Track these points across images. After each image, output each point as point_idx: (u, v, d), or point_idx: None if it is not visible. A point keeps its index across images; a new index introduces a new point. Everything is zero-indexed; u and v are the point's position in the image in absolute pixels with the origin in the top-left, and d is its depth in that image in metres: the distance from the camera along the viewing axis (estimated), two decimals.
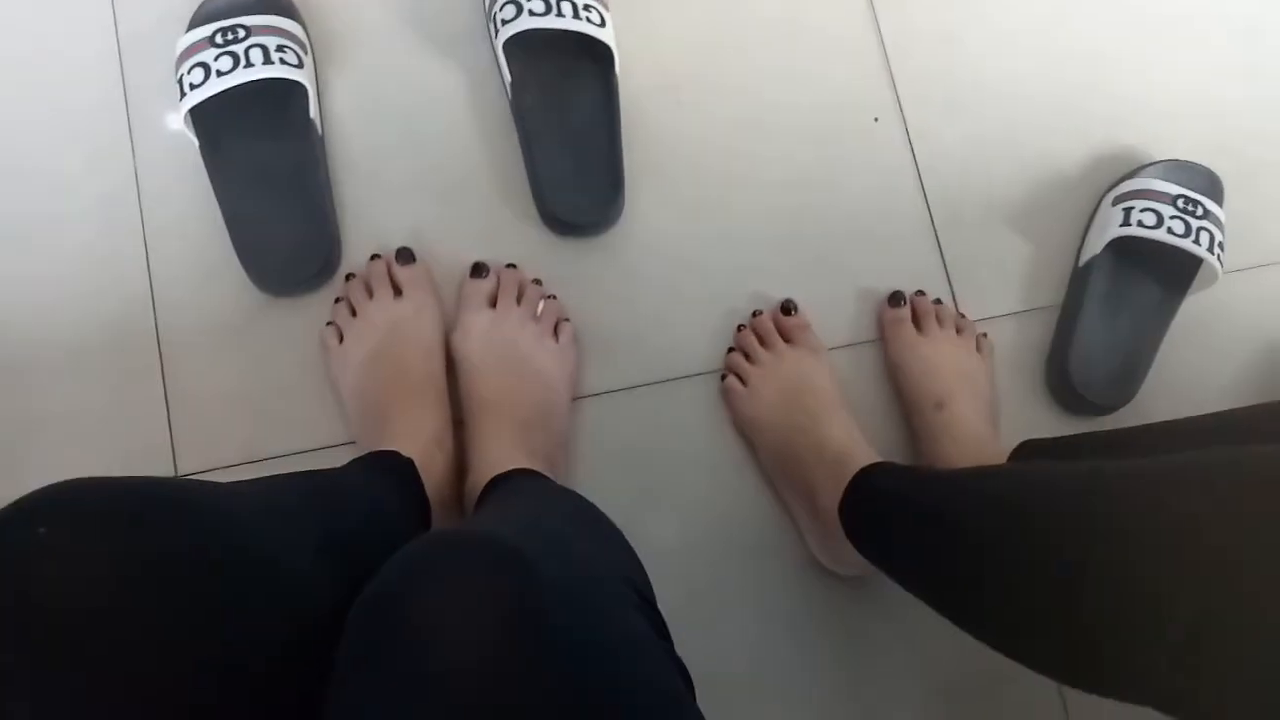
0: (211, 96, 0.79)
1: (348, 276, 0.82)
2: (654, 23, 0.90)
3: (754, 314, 0.85)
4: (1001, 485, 0.57)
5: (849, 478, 0.71)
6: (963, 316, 0.87)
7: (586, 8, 0.82)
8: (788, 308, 0.84)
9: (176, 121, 0.80)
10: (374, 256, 0.82)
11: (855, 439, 0.77)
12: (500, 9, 0.82)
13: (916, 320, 0.85)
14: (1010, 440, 0.77)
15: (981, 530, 0.55)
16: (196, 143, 0.81)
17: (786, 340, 0.83)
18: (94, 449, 0.78)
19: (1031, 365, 0.88)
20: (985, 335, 0.87)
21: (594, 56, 0.84)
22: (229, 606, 0.40)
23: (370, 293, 0.81)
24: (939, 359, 0.82)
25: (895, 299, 0.85)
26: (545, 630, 0.39)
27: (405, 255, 0.81)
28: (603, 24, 0.83)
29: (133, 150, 0.85)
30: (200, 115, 0.81)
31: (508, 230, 0.85)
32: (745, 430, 0.83)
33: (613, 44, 0.83)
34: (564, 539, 0.53)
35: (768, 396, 0.81)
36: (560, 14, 0.81)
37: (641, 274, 0.86)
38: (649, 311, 0.85)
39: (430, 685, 0.37)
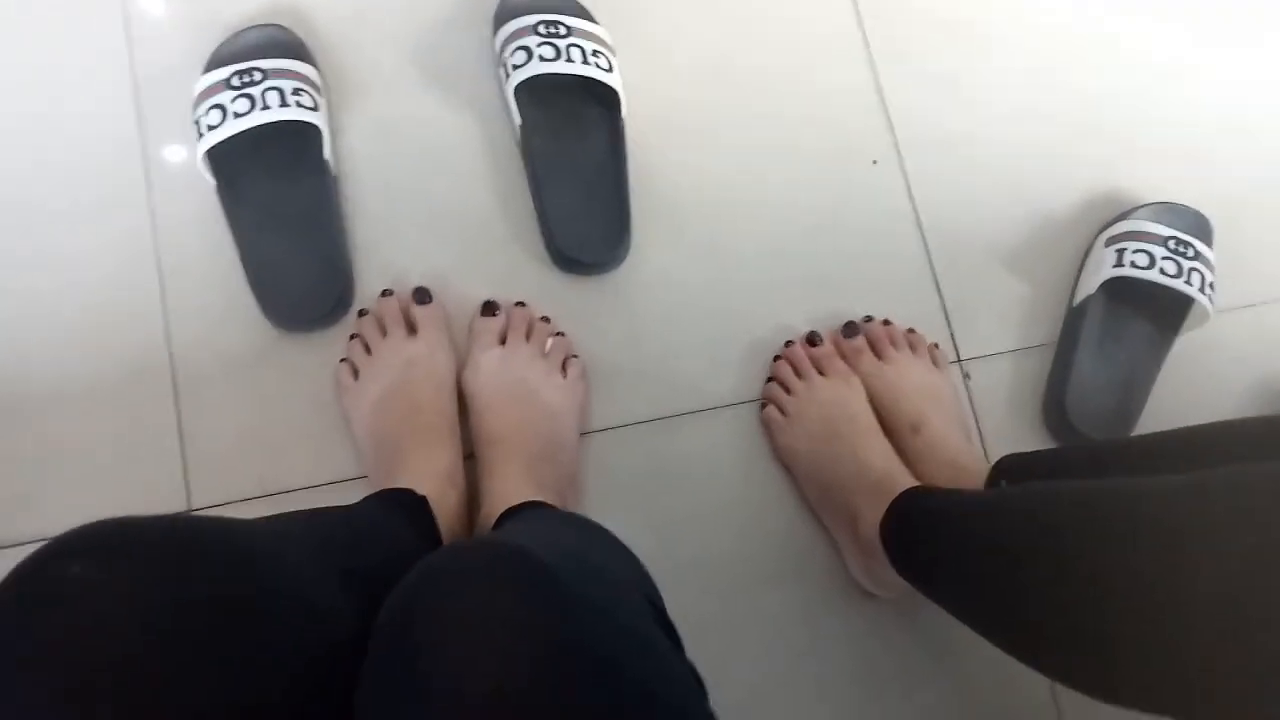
0: (228, 138, 0.80)
1: (361, 313, 0.84)
2: (660, 69, 0.93)
3: (785, 344, 0.87)
4: (1036, 503, 0.59)
5: (890, 500, 0.73)
6: (912, 332, 0.89)
7: (595, 53, 0.85)
8: (813, 339, 0.86)
9: (193, 162, 0.82)
10: (386, 292, 0.84)
11: (894, 463, 0.79)
12: (511, 55, 0.85)
13: (873, 347, 0.87)
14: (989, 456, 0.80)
15: (1022, 545, 0.57)
16: (213, 182, 0.83)
17: (819, 371, 0.85)
18: (109, 483, 0.78)
19: (1029, 402, 0.90)
20: (937, 346, 0.89)
21: (601, 100, 0.87)
22: (259, 639, 0.41)
23: (384, 330, 0.82)
24: (904, 382, 0.85)
25: (849, 329, 0.87)
26: (569, 636, 0.40)
27: (422, 294, 0.83)
28: (610, 69, 0.85)
29: (148, 189, 0.86)
30: (217, 156, 0.82)
31: (517, 269, 0.87)
32: (785, 458, 0.85)
33: (620, 88, 0.85)
34: (577, 551, 0.55)
35: (806, 425, 0.83)
36: (569, 59, 0.84)
37: (648, 311, 0.88)
38: (656, 348, 0.87)
39: (450, 698, 0.38)
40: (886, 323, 0.89)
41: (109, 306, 0.83)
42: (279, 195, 0.85)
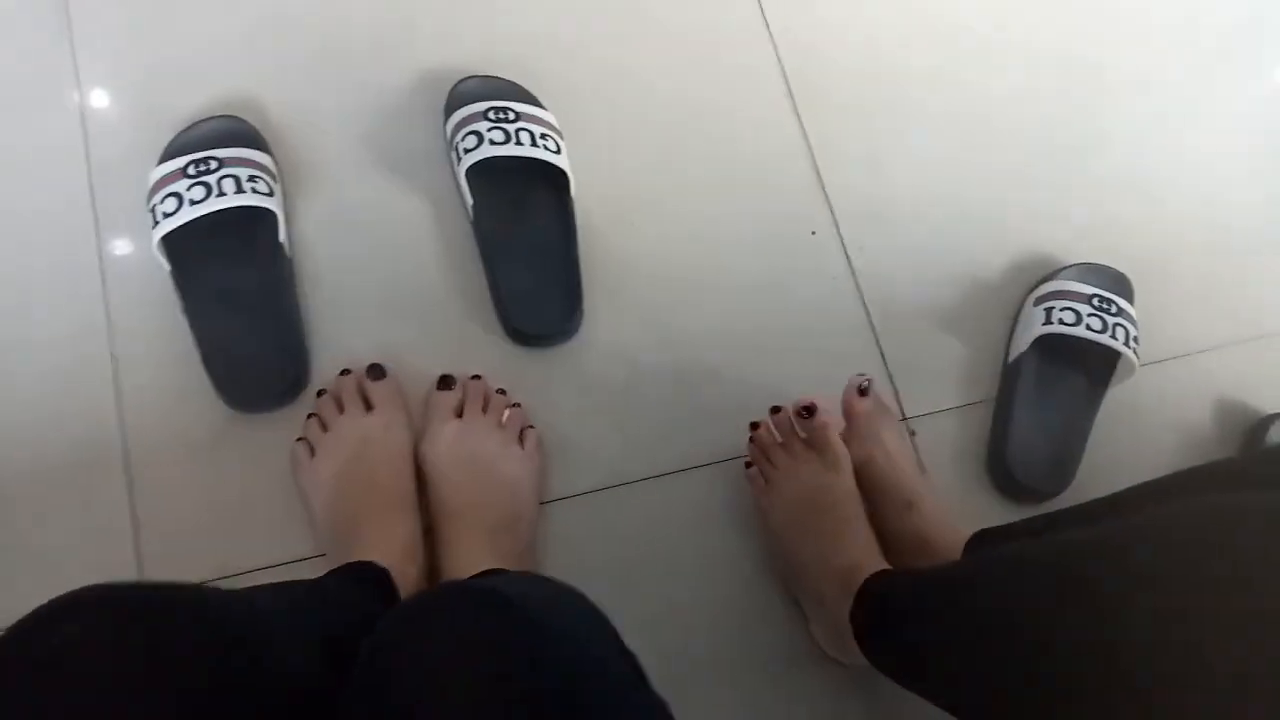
0: (184, 224, 0.82)
1: (319, 393, 0.84)
2: (606, 151, 0.97)
3: (772, 410, 0.85)
4: (1004, 570, 0.58)
5: (855, 588, 0.72)
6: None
7: (543, 136, 0.89)
8: (811, 409, 0.82)
9: (147, 250, 0.83)
10: (344, 372, 0.85)
11: (871, 555, 0.77)
12: (462, 139, 0.88)
13: (867, 420, 0.86)
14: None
15: (996, 618, 0.55)
16: (168, 268, 0.84)
17: (808, 445, 0.83)
18: (61, 571, 0.77)
19: (973, 456, 0.93)
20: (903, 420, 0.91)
21: (551, 181, 0.90)
22: (237, 693, 0.43)
23: (341, 408, 0.83)
24: (897, 454, 0.84)
25: (865, 390, 0.85)
26: (534, 658, 0.42)
27: (376, 371, 0.84)
28: (558, 151, 0.89)
29: (102, 276, 0.87)
30: (172, 242, 0.83)
31: (472, 344, 0.89)
32: (761, 519, 0.84)
33: (568, 169, 0.89)
34: (545, 595, 0.55)
35: (783, 503, 0.81)
36: (519, 143, 0.87)
37: (602, 382, 0.90)
38: (610, 417, 0.89)
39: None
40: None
41: (61, 393, 0.83)
42: (235, 279, 0.86)
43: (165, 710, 0.39)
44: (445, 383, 0.85)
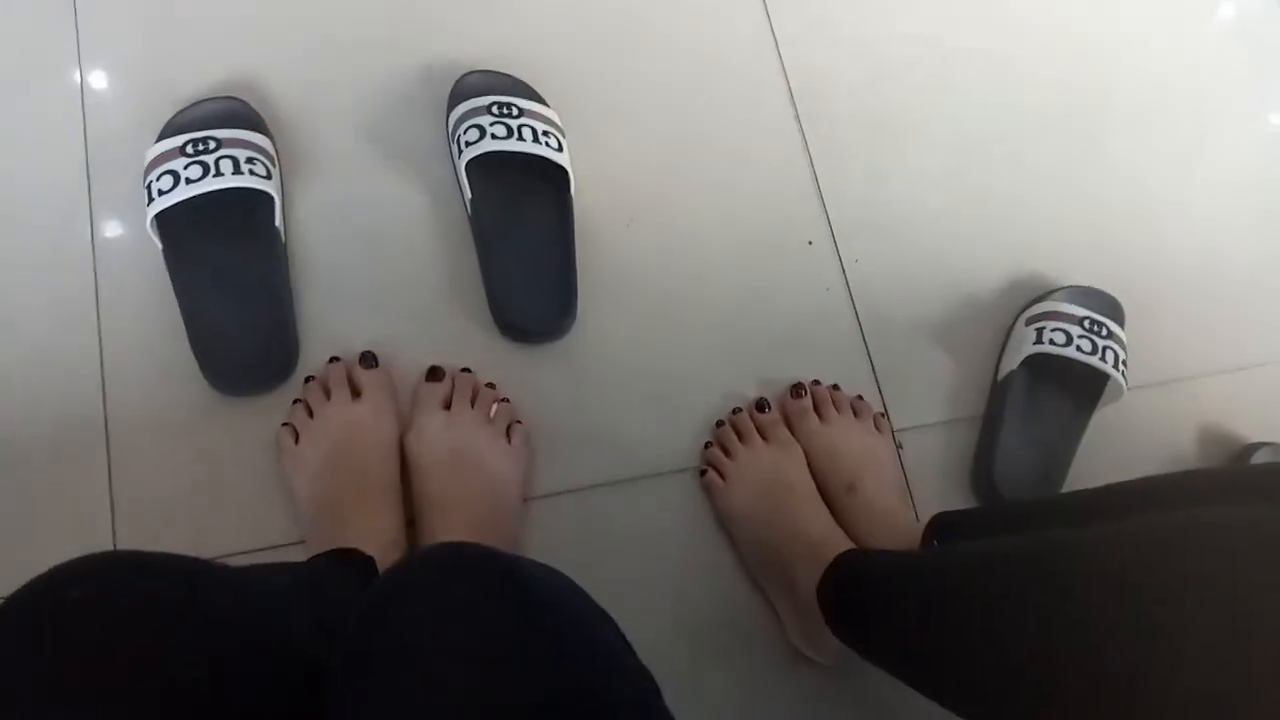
0: (180, 202, 0.81)
1: (307, 379, 0.84)
2: (608, 152, 0.97)
3: (733, 411, 0.89)
4: (972, 559, 0.60)
5: (826, 563, 0.75)
6: (860, 399, 0.92)
7: (545, 133, 0.89)
8: (761, 405, 0.89)
9: (140, 227, 0.82)
10: (333, 359, 0.84)
11: (833, 530, 0.81)
12: (465, 132, 0.88)
13: (817, 408, 0.89)
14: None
15: (959, 591, 0.58)
16: (160, 246, 0.84)
17: (762, 436, 0.87)
18: (34, 543, 0.76)
19: (959, 471, 0.93)
20: (884, 415, 0.93)
21: (550, 178, 0.90)
22: (262, 659, 0.44)
23: (328, 394, 0.82)
24: (843, 443, 0.87)
25: (796, 390, 0.90)
26: (526, 608, 0.44)
27: (368, 359, 0.84)
28: (560, 149, 0.89)
29: (94, 251, 0.86)
30: (165, 220, 0.83)
31: (464, 337, 0.88)
32: (725, 523, 0.86)
33: (569, 167, 0.89)
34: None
35: (746, 491, 0.84)
36: (521, 138, 0.87)
37: (593, 380, 0.90)
38: (599, 415, 0.89)
39: (419, 673, 0.41)
40: (836, 388, 0.92)
41: (45, 362, 0.82)
42: (228, 261, 0.86)
43: (197, 671, 0.41)
44: (434, 374, 0.85)
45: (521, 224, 0.90)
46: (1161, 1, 1.18)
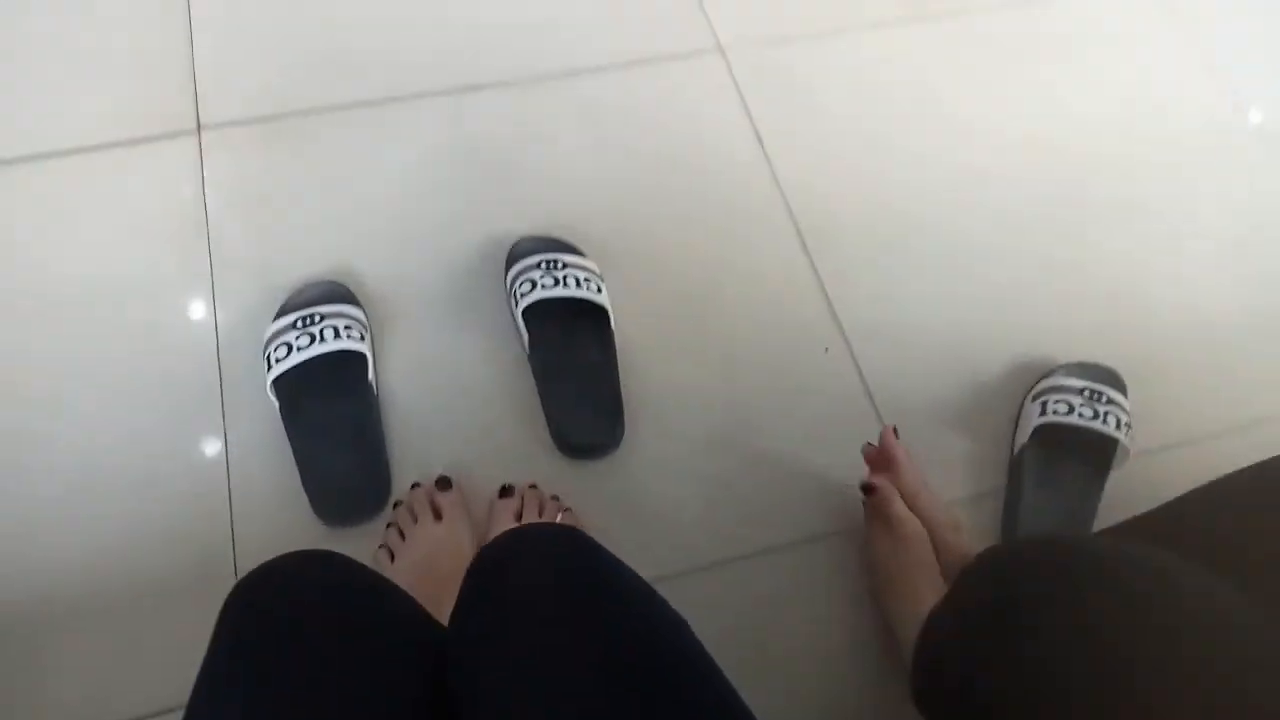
0: (293, 367, 0.99)
1: (395, 504, 0.98)
2: (640, 289, 1.13)
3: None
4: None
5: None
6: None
7: (586, 279, 1.05)
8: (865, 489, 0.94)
9: (262, 391, 1.00)
10: (414, 485, 0.99)
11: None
12: (519, 286, 1.05)
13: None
14: None
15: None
16: (276, 405, 1.01)
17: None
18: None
19: (985, 543, 1.00)
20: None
21: (594, 316, 1.06)
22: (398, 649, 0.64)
23: (415, 517, 0.96)
24: (933, 494, 0.93)
25: (895, 433, 0.96)
26: (598, 567, 0.66)
27: (444, 483, 0.98)
28: (600, 291, 1.05)
29: (224, 415, 1.04)
30: (281, 384, 1.00)
31: (529, 458, 1.03)
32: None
33: (609, 306, 1.05)
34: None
35: (867, 566, 0.97)
36: (566, 285, 1.04)
37: (643, 487, 1.02)
38: (652, 517, 1.00)
39: (519, 604, 0.61)
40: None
41: (182, 504, 0.99)
42: (331, 412, 1.03)
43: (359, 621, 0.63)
44: (505, 491, 0.98)
45: (571, 356, 1.06)
46: (1114, 102, 1.32)
